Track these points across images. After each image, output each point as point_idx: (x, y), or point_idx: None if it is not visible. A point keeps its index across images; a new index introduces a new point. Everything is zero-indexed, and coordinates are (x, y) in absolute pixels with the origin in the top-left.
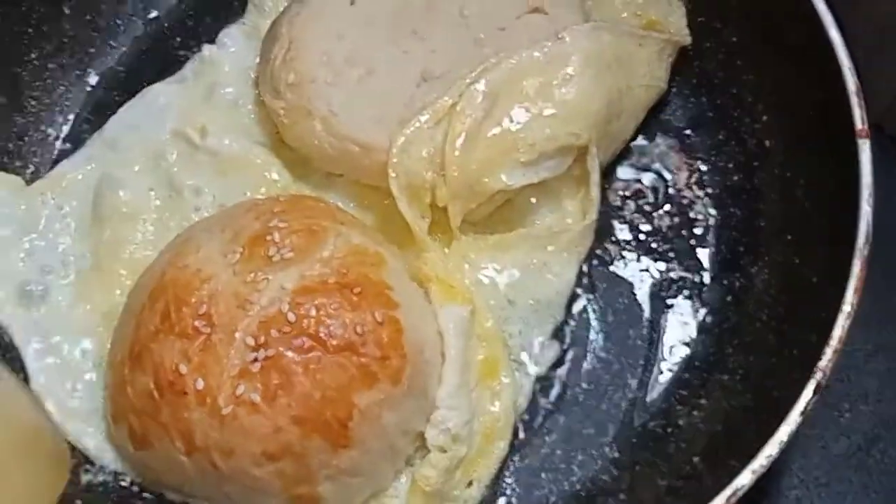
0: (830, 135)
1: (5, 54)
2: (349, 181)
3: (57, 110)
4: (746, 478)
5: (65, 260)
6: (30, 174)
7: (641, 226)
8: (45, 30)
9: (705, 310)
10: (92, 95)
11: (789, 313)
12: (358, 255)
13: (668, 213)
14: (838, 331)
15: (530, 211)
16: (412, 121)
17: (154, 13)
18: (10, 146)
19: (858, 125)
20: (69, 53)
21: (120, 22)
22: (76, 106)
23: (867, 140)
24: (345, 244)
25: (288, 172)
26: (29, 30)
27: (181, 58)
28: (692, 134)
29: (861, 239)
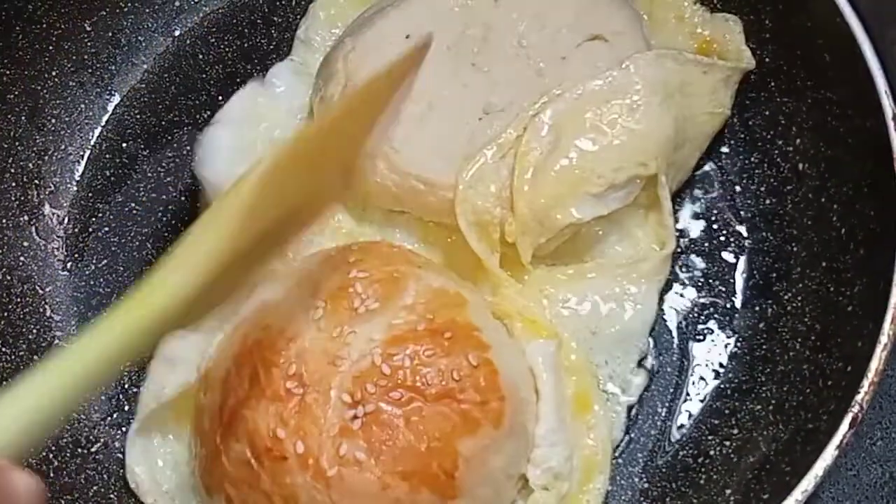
0: (867, 162)
1: (25, 72)
2: (412, 219)
3: (77, 129)
4: None
5: None
6: (49, 192)
7: None
8: (66, 47)
9: (736, 337)
10: (113, 114)
11: (823, 343)
12: (441, 298)
13: (700, 237)
14: (875, 363)
15: (598, 241)
16: (477, 156)
17: (177, 31)
18: (31, 165)
19: None
20: (90, 71)
21: (142, 39)
22: (97, 124)
23: None
24: (426, 288)
25: (349, 214)
26: (50, 47)
27: (206, 78)
28: (724, 155)
29: None
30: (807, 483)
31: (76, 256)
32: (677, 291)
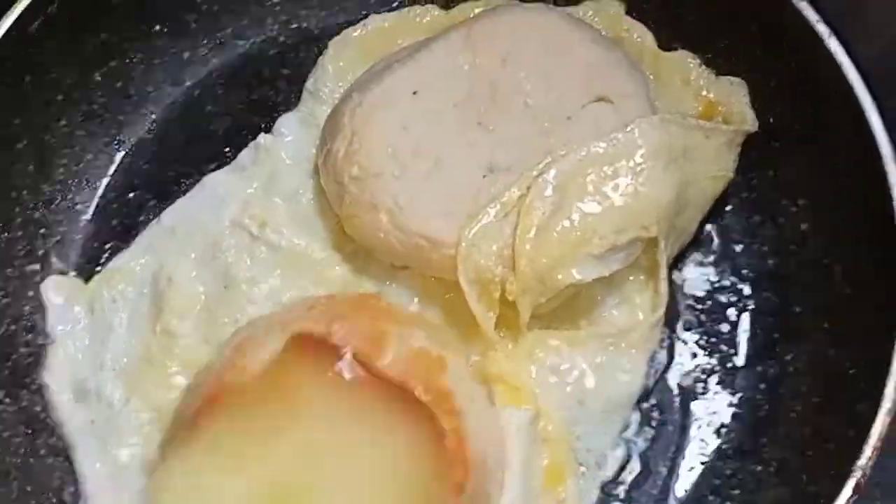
0: (870, 223)
1: (34, 121)
2: (412, 273)
3: (85, 178)
4: None
5: (116, 355)
6: (55, 242)
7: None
8: (75, 97)
9: (738, 397)
10: (121, 164)
11: (825, 405)
12: (420, 360)
13: (703, 296)
14: (878, 427)
15: (597, 304)
16: (480, 214)
17: (186, 82)
18: (37, 215)
19: None
20: (99, 121)
21: (151, 89)
22: (105, 174)
23: None
24: (407, 349)
25: (349, 265)
26: (59, 97)
27: (213, 128)
28: (728, 213)
29: None
30: None
31: None
32: (680, 350)
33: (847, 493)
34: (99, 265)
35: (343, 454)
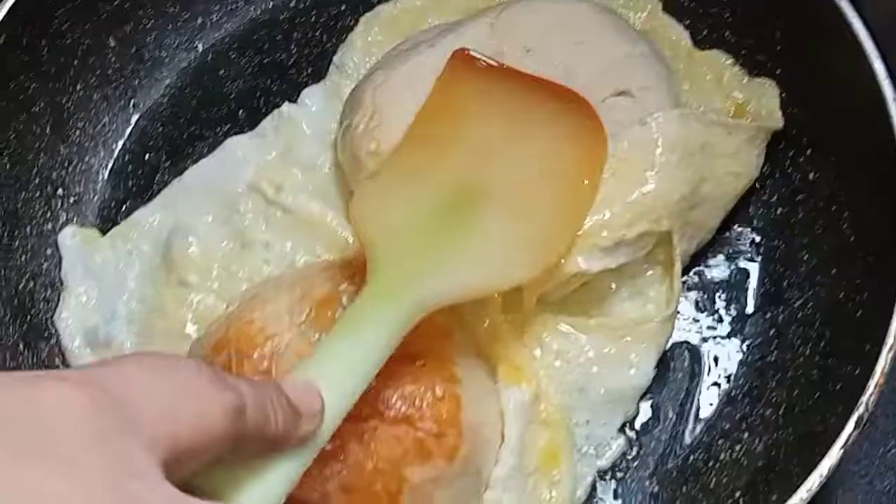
0: (877, 170)
1: (51, 85)
2: None
3: (101, 141)
4: None
5: (129, 304)
6: (72, 201)
7: None
8: (91, 62)
9: (748, 343)
10: (136, 127)
11: (833, 348)
12: (425, 326)
13: (713, 247)
14: (882, 364)
15: (608, 296)
16: None
17: (199, 46)
18: (54, 175)
19: None
20: (114, 85)
21: (165, 54)
22: (120, 137)
23: None
24: None
25: None
26: (75, 62)
27: (226, 92)
28: None
29: None
30: (811, 481)
31: None
32: (689, 298)
33: (850, 429)
34: (115, 224)
35: (510, 150)
